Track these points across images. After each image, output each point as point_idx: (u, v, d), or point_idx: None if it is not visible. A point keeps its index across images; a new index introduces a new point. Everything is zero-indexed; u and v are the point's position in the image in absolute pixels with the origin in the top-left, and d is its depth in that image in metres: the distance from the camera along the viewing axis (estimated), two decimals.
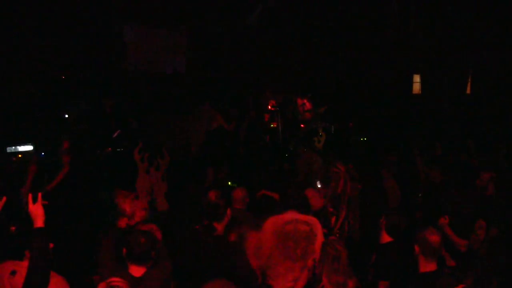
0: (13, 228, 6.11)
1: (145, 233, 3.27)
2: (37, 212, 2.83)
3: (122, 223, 3.90)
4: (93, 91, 8.67)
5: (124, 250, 3.17)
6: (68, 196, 5.99)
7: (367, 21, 11.43)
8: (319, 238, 3.32)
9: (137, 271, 3.13)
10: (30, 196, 2.86)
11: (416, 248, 3.38)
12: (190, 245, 3.58)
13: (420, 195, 7.34)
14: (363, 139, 11.71)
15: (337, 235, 3.99)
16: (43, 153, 7.00)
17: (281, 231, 3.36)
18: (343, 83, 12.12)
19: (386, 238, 3.92)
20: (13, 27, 7.83)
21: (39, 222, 2.81)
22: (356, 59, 12.16)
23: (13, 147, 6.69)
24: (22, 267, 2.92)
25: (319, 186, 5.99)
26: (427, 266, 3.35)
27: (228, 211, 3.72)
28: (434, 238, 3.33)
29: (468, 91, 11.36)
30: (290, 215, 3.46)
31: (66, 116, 8.04)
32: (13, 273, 2.99)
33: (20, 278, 2.85)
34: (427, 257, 3.34)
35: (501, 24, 9.81)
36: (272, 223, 3.42)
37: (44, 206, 2.88)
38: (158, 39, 11.02)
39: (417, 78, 12.34)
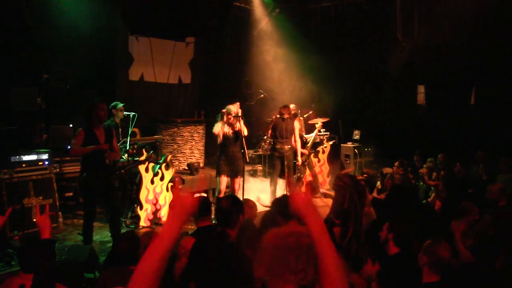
0: (16, 237, 6.14)
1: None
2: (44, 223, 2.80)
3: None
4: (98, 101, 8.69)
5: None
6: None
7: (372, 31, 11.47)
8: None
9: None
10: (37, 207, 2.83)
11: (424, 258, 3.33)
12: (204, 251, 3.57)
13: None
14: (368, 149, 11.71)
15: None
16: (47, 162, 7.02)
17: (282, 244, 3.30)
18: (348, 93, 12.14)
19: (393, 249, 3.87)
20: (19, 38, 7.88)
21: (46, 234, 2.78)
22: (361, 70, 12.21)
23: (17, 157, 6.70)
24: (31, 280, 2.89)
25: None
26: (431, 277, 3.31)
27: (241, 217, 3.75)
28: (445, 254, 3.29)
29: (472, 101, 11.33)
30: (291, 227, 3.41)
31: (71, 125, 8.06)
32: (22, 287, 2.96)
33: None
34: (433, 270, 3.30)
35: (504, 34, 9.82)
36: (272, 235, 3.37)
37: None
38: (164, 50, 11.08)
39: (421, 89, 12.33)
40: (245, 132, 7.42)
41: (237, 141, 7.56)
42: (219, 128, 7.46)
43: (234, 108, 7.46)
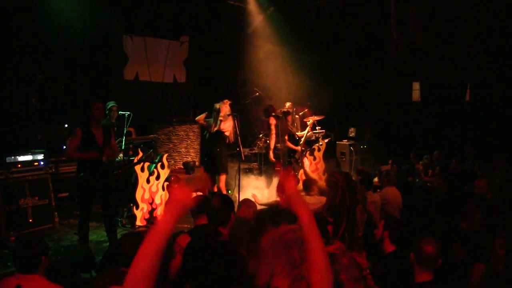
0: (12, 238, 6.12)
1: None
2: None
3: None
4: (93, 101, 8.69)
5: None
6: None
7: (367, 29, 11.48)
8: None
9: None
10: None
11: (411, 255, 3.33)
12: (196, 250, 3.57)
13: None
14: (364, 146, 11.73)
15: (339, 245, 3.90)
16: (42, 163, 6.99)
17: (280, 243, 3.30)
18: (344, 91, 12.14)
19: (389, 248, 3.86)
20: (13, 38, 7.85)
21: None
22: (356, 67, 12.22)
23: (13, 157, 6.68)
24: (27, 281, 2.89)
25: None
26: (422, 276, 3.28)
27: (232, 216, 3.76)
28: (428, 249, 3.25)
29: (467, 98, 11.37)
30: (283, 227, 3.40)
31: (66, 125, 8.04)
32: (18, 287, 2.96)
33: None
34: (421, 267, 3.28)
35: (500, 31, 9.84)
36: (269, 238, 3.37)
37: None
38: (158, 49, 11.06)
39: (416, 86, 12.36)
40: (217, 125, 7.67)
41: (219, 138, 7.69)
42: (200, 117, 7.89)
43: (219, 106, 7.62)
